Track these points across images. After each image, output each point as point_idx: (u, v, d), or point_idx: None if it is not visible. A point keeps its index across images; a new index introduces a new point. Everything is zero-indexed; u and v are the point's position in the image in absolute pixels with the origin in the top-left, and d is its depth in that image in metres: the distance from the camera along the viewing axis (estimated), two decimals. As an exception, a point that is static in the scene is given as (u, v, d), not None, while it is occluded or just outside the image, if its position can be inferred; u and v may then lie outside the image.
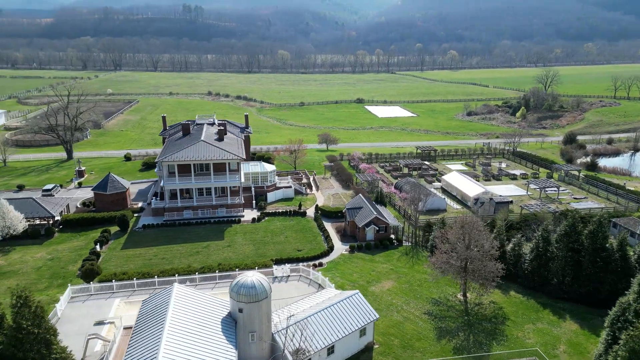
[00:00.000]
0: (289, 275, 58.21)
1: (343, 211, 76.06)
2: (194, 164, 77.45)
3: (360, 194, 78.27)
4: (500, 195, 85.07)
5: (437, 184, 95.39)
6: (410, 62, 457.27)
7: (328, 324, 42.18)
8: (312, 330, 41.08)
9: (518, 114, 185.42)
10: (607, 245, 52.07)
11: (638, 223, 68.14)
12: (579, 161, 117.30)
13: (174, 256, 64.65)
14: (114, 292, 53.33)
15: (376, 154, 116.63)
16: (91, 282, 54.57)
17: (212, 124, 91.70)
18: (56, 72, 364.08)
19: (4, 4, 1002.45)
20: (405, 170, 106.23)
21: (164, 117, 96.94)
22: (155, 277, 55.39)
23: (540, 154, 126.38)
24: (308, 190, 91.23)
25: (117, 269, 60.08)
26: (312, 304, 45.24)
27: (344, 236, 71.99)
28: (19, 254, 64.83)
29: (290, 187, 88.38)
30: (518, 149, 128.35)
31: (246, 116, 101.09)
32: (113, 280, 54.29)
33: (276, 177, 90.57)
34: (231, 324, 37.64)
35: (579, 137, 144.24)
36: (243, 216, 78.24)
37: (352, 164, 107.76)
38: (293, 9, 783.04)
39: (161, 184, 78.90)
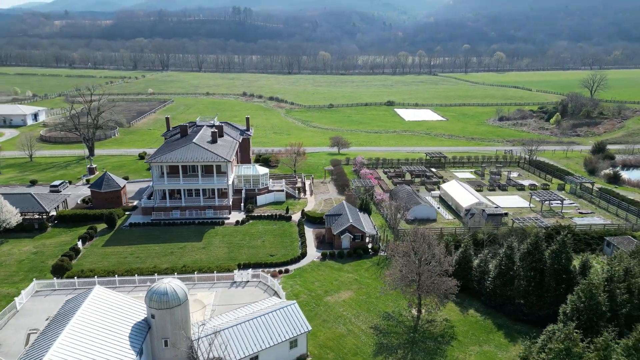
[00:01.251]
0: (247, 281, 58.39)
1: (323, 217, 75.36)
2: (182, 165, 79.33)
3: (343, 201, 77.26)
4: (496, 207, 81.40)
5: (435, 192, 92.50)
6: (454, 64, 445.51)
7: (253, 334, 41.95)
8: (236, 339, 41.05)
9: (552, 120, 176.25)
10: (570, 267, 48.57)
11: (632, 243, 63.00)
12: (602, 172, 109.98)
13: (148, 256, 66.48)
14: (75, 289, 55.50)
15: (383, 159, 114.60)
16: (55, 278, 57.11)
17: (211, 126, 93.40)
18: (108, 72, 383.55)
19: (70, 7, 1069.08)
20: (409, 177, 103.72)
21: (167, 119, 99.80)
22: (116, 276, 57.17)
23: (563, 164, 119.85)
24: (302, 195, 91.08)
25: (92, 266, 62.59)
26: (246, 313, 45.13)
27: (322, 243, 71.29)
28: (8, 246, 68.89)
29: (282, 190, 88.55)
30: (538, 158, 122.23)
31: (247, 118, 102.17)
32: (75, 277, 56.56)
33: (270, 180, 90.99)
34: (144, 329, 38.27)
35: (613, 147, 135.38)
36: (228, 218, 79.21)
37: (353, 169, 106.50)
38: (341, 9, 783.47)
39: (150, 184, 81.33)
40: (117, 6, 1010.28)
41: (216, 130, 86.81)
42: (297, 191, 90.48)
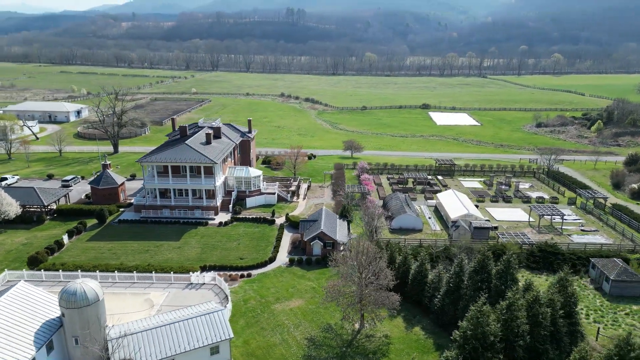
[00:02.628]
0: (203, 284, 59.07)
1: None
2: (172, 166, 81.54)
3: (323, 207, 76.39)
4: (486, 220, 77.38)
5: (432, 201, 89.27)
6: (508, 66, 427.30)
7: (170, 338, 42.43)
8: (151, 342, 41.72)
9: (593, 128, 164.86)
10: (515, 288, 45.23)
11: (616, 267, 57.71)
12: (629, 187, 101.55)
13: (124, 252, 68.91)
14: (42, 281, 58.51)
15: (391, 165, 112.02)
16: (23, 270, 60.52)
17: (212, 128, 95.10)
18: (162, 72, 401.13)
19: (139, 9, 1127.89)
20: (411, 184, 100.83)
21: (173, 119, 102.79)
22: (79, 271, 59.72)
23: (588, 176, 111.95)
24: (294, 198, 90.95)
25: (70, 260, 65.75)
26: (172, 317, 45.60)
27: (295, 248, 70.84)
28: (4, 236, 73.79)
29: (273, 193, 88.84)
30: (563, 168, 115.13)
31: (249, 121, 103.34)
32: (42, 270, 59.67)
33: (263, 182, 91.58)
34: (55, 326, 39.84)
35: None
36: (213, 219, 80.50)
37: (355, 174, 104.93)
38: (394, 10, 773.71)
39: (142, 183, 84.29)
40: (182, 8, 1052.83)
41: (211, 132, 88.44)
42: (289, 194, 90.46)
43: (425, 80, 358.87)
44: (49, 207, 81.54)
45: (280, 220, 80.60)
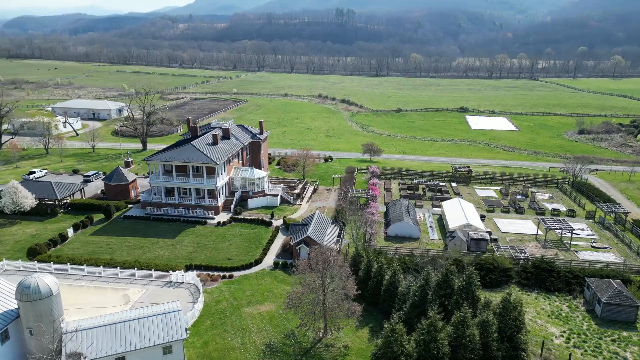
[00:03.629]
0: (182, 282, 60.23)
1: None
2: (176, 165, 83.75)
3: (316, 211, 75.86)
4: (487, 231, 74.03)
5: (437, 209, 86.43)
6: (564, 68, 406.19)
7: (123, 335, 43.57)
8: (102, 338, 43.04)
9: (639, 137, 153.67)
10: (476, 306, 42.95)
11: (610, 288, 53.39)
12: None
13: (120, 248, 71.50)
14: (35, 271, 61.64)
15: (406, 170, 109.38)
16: (20, 260, 64.08)
17: (222, 129, 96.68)
18: (210, 72, 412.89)
19: (196, 11, 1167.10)
20: (421, 191, 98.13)
21: (188, 120, 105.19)
22: (68, 264, 62.55)
23: (619, 188, 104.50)
24: (298, 201, 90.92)
25: (70, 252, 69.04)
26: (128, 315, 46.68)
27: (285, 251, 70.73)
28: (18, 227, 78.60)
29: (276, 195, 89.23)
30: (593, 179, 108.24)
31: (261, 122, 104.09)
32: (35, 262, 63.03)
33: (268, 183, 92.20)
34: (10, 317, 42.01)
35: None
36: (213, 219, 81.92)
37: (363, 178, 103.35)
38: (447, 9, 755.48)
39: (148, 181, 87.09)
40: (239, 10, 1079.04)
41: (218, 133, 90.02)
42: (292, 197, 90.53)
43: (471, 83, 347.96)
44: (62, 200, 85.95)
45: (278, 222, 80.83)
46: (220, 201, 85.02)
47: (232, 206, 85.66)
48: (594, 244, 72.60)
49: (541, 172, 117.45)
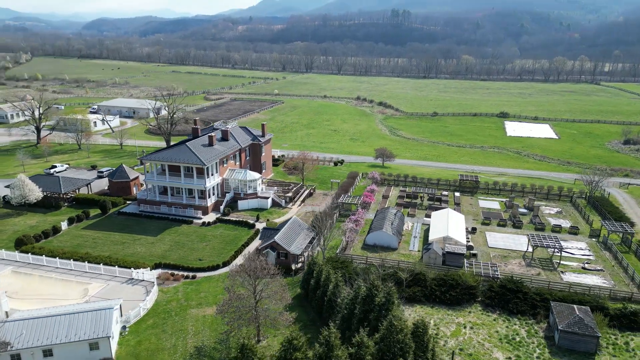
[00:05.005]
0: (142, 280, 61.89)
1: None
2: (169, 165, 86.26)
3: (294, 216, 75.28)
4: (467, 244, 70.26)
5: (428, 219, 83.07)
6: (631, 72, 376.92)
7: (51, 328, 45.53)
8: (31, 330, 45.20)
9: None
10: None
11: (571, 315, 48.82)
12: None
13: (104, 243, 74.61)
14: (16, 262, 66.00)
15: (412, 177, 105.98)
16: (2, 250, 68.42)
17: (222, 130, 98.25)
18: (259, 73, 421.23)
19: (258, 12, 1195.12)
20: (425, 199, 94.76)
21: (195, 121, 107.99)
22: (43, 256, 66.08)
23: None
24: (290, 205, 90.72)
25: (59, 244, 73.04)
26: (59, 310, 48.59)
27: (257, 255, 70.80)
28: (21, 218, 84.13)
29: (267, 197, 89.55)
30: (614, 192, 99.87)
31: (263, 125, 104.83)
32: (16, 252, 67.11)
33: (261, 186, 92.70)
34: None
35: None
36: (200, 218, 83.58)
37: (363, 184, 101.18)
38: (511, 9, 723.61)
39: (143, 179, 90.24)
40: (299, 11, 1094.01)
41: (213, 135, 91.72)
42: (284, 200, 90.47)
43: (523, 86, 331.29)
44: (67, 195, 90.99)
45: (261, 225, 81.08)
46: (210, 201, 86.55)
47: (222, 207, 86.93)
48: (585, 265, 66.85)
49: (566, 184, 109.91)
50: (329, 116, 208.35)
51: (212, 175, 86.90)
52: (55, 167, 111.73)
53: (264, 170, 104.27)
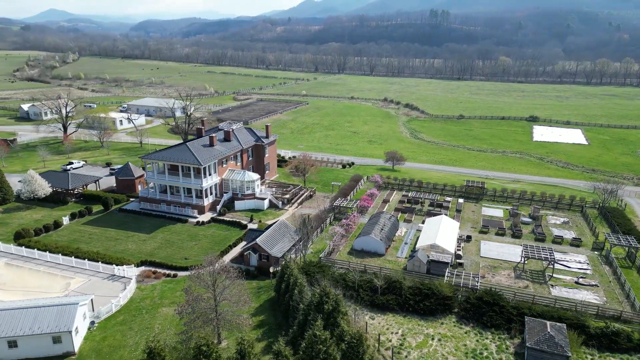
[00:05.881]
0: (123, 277, 63.22)
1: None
2: (169, 164, 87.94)
3: (282, 218, 75.00)
4: (456, 254, 67.90)
5: (422, 225, 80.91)
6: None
7: (15, 321, 47.16)
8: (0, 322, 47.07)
9: None
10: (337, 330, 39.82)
11: (542, 332, 46.07)
12: None
13: (99, 238, 76.84)
14: (11, 254, 68.95)
15: (418, 182, 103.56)
16: (1, 242, 71.53)
17: (225, 131, 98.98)
18: (292, 73, 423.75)
19: (298, 13, 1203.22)
20: (426, 204, 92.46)
21: (202, 121, 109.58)
22: (35, 249, 68.62)
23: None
24: (287, 206, 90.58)
25: (58, 239, 75.79)
26: (24, 303, 50.17)
27: (241, 256, 71.01)
28: (28, 212, 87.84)
29: (263, 199, 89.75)
30: (631, 204, 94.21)
31: (267, 126, 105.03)
32: (11, 245, 70.02)
33: (260, 187, 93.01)
34: None
35: None
36: (196, 217, 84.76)
37: (364, 187, 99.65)
38: (556, 9, 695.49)
39: (145, 177, 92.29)
40: (338, 12, 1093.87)
41: (214, 135, 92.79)
42: (281, 202, 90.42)
43: (561, 89, 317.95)
44: (74, 190, 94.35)
45: (254, 226, 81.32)
46: (207, 201, 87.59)
47: (219, 207, 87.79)
48: (579, 280, 63.21)
49: (584, 193, 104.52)
50: (352, 118, 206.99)
51: (209, 175, 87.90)
52: (72, 163, 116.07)
53: (267, 171, 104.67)
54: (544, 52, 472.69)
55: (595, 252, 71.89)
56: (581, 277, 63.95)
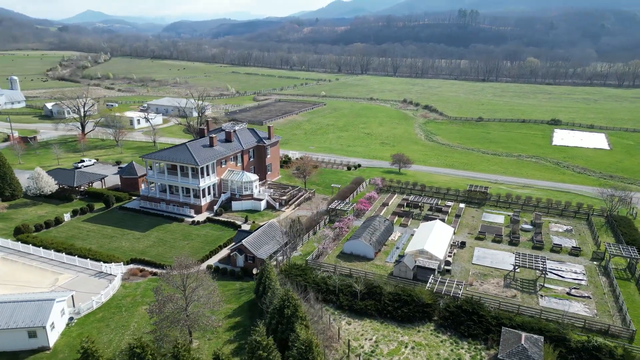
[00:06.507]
0: (109, 274, 64.30)
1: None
2: (168, 164, 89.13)
3: (272, 220, 74.89)
4: (447, 260, 66.31)
5: (416, 229, 79.34)
6: None
7: (-7, 315, 48.58)
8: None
9: None
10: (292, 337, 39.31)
11: (516, 343, 44.34)
12: None
13: (96, 236, 78.45)
14: (8, 249, 71.11)
15: (421, 185, 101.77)
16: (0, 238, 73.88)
17: (226, 132, 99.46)
18: (315, 74, 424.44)
19: (326, 14, 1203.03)
20: (425, 208, 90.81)
21: (207, 122, 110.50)
22: (30, 245, 70.54)
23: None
24: (284, 208, 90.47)
25: (56, 234, 77.88)
26: (9, 298, 51.50)
27: (228, 257, 71.32)
28: (34, 208, 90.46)
29: (260, 199, 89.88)
30: (638, 213, 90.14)
31: (269, 127, 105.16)
32: (9, 240, 72.18)
33: (258, 188, 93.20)
34: None
35: None
36: (193, 217, 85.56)
37: (363, 190, 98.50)
38: (591, 8, 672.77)
39: (145, 177, 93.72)
40: (366, 12, 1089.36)
41: (214, 136, 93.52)
42: (279, 203, 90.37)
43: (590, 91, 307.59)
44: (79, 188, 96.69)
45: (248, 227, 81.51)
46: (205, 201, 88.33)
47: (216, 207, 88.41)
48: (571, 291, 60.72)
49: (596, 200, 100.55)
50: (368, 119, 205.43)
51: (207, 175, 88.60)
52: (83, 161, 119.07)
53: (269, 172, 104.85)
54: (576, 53, 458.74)
55: (595, 262, 68.98)
56: (574, 288, 61.45)
